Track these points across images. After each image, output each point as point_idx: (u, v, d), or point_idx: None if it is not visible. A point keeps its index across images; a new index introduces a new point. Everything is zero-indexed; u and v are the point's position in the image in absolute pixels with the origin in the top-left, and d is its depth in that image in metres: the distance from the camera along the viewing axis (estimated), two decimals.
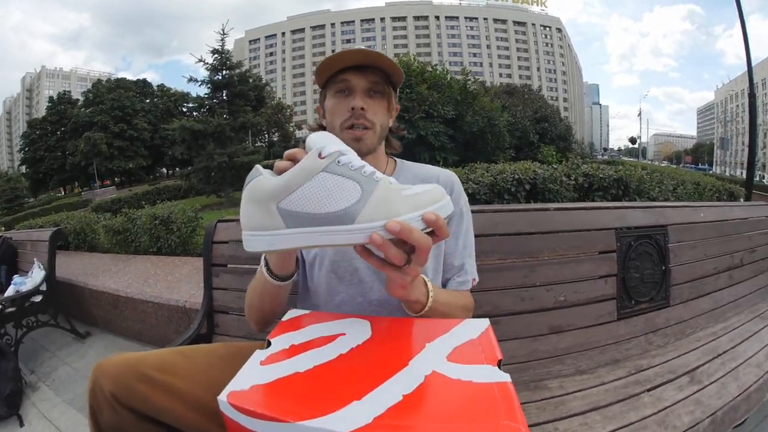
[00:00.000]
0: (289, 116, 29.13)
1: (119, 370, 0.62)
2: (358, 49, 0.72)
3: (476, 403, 0.41)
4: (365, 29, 67.62)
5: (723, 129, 68.21)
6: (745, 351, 1.38)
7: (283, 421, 0.39)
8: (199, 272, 2.50)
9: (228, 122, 10.98)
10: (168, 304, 2.03)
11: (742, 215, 2.14)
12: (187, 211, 3.37)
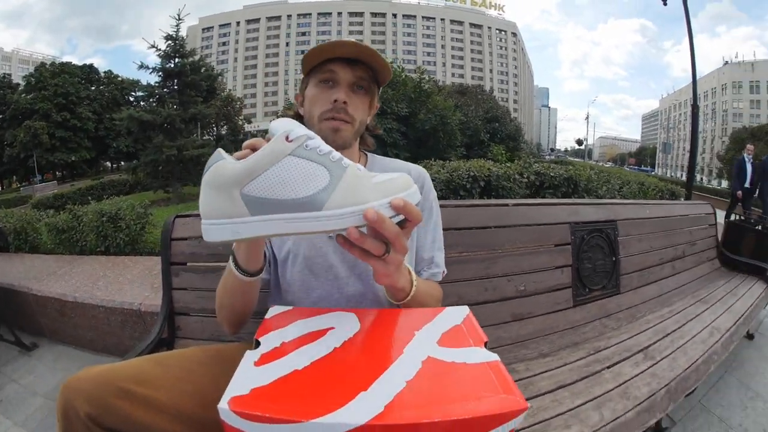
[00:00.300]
0: (238, 109, 27.94)
1: (93, 387, 0.55)
2: (352, 41, 0.69)
3: (475, 382, 0.44)
4: (321, 23, 65.98)
5: (666, 134, 73.61)
6: (690, 330, 1.54)
7: (294, 421, 0.38)
8: (152, 273, 2.39)
9: (178, 113, 10.29)
10: (121, 308, 1.89)
11: (683, 212, 2.38)
12: (136, 208, 3.14)
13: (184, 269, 1.17)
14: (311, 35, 65.17)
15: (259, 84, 64.07)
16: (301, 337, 0.50)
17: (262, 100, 64.18)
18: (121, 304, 1.90)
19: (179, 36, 10.95)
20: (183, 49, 10.99)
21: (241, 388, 0.41)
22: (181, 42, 10.96)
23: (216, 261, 1.13)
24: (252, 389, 0.41)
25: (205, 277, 1.14)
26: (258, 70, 64.18)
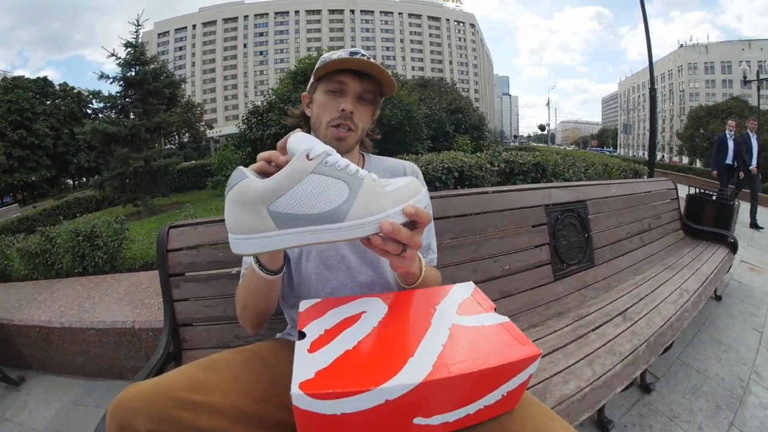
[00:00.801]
0: (199, 115, 27.03)
1: (150, 402, 0.54)
2: (367, 61, 0.76)
3: (496, 339, 0.54)
4: (279, 22, 64.65)
5: (626, 116, 76.99)
6: (662, 293, 1.69)
7: (363, 391, 0.44)
8: (139, 288, 2.36)
9: (143, 123, 9.81)
10: (113, 328, 1.84)
11: (646, 189, 2.57)
12: (112, 224, 3.04)
13: (184, 279, 1.18)
14: (269, 35, 63.80)
15: (218, 88, 62.14)
16: (340, 323, 0.56)
17: (223, 104, 62.21)
18: (113, 323, 1.85)
19: (139, 43, 10.45)
20: (144, 56, 10.45)
21: (306, 373, 0.46)
22: (141, 49, 10.43)
23: (217, 268, 1.14)
24: (316, 372, 0.46)
25: (207, 285, 1.16)
26: (216, 74, 62.23)
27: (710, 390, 1.73)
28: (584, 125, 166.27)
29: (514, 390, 0.54)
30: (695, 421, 1.51)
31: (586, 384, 0.96)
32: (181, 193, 13.43)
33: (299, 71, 11.65)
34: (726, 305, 2.74)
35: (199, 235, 1.17)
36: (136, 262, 3.12)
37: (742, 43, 53.29)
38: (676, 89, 58.51)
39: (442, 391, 0.48)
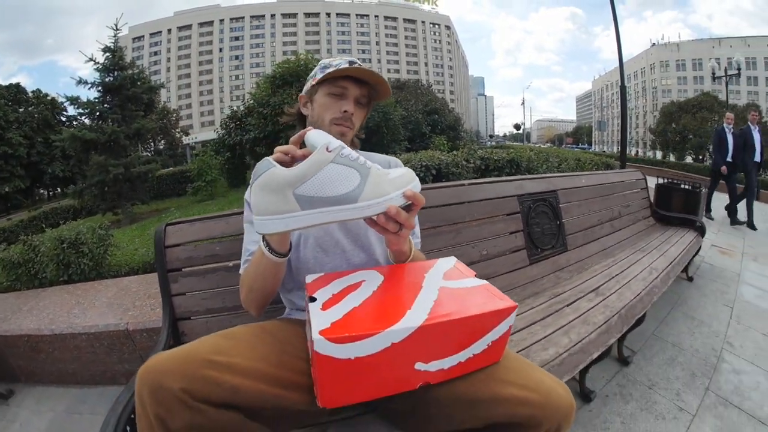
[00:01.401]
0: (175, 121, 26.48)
1: (181, 363, 0.60)
2: (369, 70, 0.86)
3: (478, 295, 0.64)
4: (254, 26, 64.12)
5: (600, 113, 79.22)
6: (632, 272, 1.83)
7: (373, 334, 0.54)
8: (128, 292, 2.37)
9: (122, 129, 9.60)
10: (107, 332, 1.84)
11: (616, 179, 2.74)
12: (96, 230, 3.02)
13: (182, 275, 1.22)
14: (245, 39, 63.12)
15: (194, 94, 61.09)
16: (344, 288, 0.65)
17: (198, 110, 61.12)
18: (106, 327, 1.85)
19: (118, 47, 10.19)
20: (122, 61, 10.24)
21: (323, 324, 0.55)
22: (120, 54, 10.18)
23: (215, 262, 1.19)
24: (332, 323, 0.55)
25: (205, 278, 1.19)
26: (192, 80, 61.20)
27: (685, 360, 1.86)
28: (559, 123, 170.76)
29: (497, 340, 0.64)
30: (672, 388, 1.63)
31: (564, 350, 1.06)
32: (160, 200, 13.19)
33: (278, 75, 11.61)
34: (698, 285, 2.92)
35: (195, 232, 1.21)
36: (122, 268, 3.10)
37: (712, 41, 55.73)
38: (649, 86, 60.61)
39: (437, 336, 0.58)
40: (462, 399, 0.67)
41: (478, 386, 0.67)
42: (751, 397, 1.61)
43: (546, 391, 0.67)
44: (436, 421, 0.70)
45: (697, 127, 24.55)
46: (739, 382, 1.72)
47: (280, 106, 10.88)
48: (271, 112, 11.09)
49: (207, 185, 11.32)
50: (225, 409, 0.60)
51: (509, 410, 0.65)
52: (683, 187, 3.62)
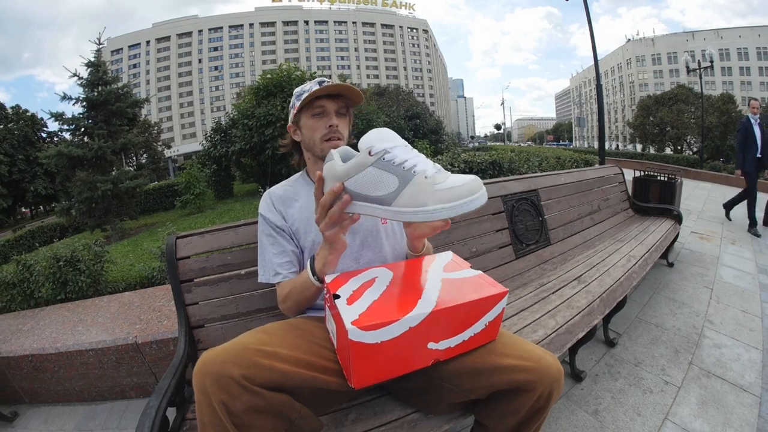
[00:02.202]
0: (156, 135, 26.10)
1: (239, 354, 0.69)
2: (334, 84, 0.97)
3: (476, 284, 0.77)
4: (233, 36, 63.87)
5: (579, 110, 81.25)
6: (612, 260, 1.96)
7: (395, 320, 0.66)
8: (131, 307, 2.42)
9: (108, 145, 9.51)
10: (114, 346, 1.87)
11: (594, 176, 2.90)
12: (92, 246, 3.03)
13: (195, 285, 1.28)
14: (224, 49, 62.80)
15: (174, 106, 60.39)
16: (361, 285, 0.76)
17: (179, 122, 60.39)
18: (114, 341, 1.88)
19: (101, 62, 10.08)
20: (106, 75, 10.15)
21: (353, 316, 0.66)
22: (104, 68, 10.09)
23: (228, 270, 1.26)
24: (359, 314, 0.67)
25: (218, 286, 1.26)
26: (172, 92, 60.56)
27: (668, 339, 1.99)
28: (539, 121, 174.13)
29: (493, 321, 0.78)
30: (658, 365, 1.76)
31: (552, 331, 1.19)
32: (148, 215, 13.05)
33: (262, 86, 11.67)
34: (678, 270, 3.07)
35: (206, 243, 1.28)
36: (119, 284, 3.12)
37: (686, 35, 57.31)
38: (626, 81, 62.33)
39: (444, 319, 0.70)
40: (468, 371, 0.80)
41: (480, 359, 0.80)
42: (733, 368, 1.75)
43: (537, 358, 0.80)
44: (447, 394, 0.83)
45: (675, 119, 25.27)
46: (720, 355, 1.85)
47: (265, 117, 10.92)
48: (256, 123, 11.13)
49: (195, 198, 11.27)
50: (277, 392, 0.70)
51: (508, 377, 0.78)
52: (660, 179, 3.81)
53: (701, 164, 15.06)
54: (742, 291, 2.70)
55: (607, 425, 1.38)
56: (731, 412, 1.46)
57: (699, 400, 1.52)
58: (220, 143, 13.44)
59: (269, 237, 1.01)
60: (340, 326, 0.69)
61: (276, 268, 0.99)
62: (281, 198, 1.05)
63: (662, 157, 21.09)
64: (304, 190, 1.07)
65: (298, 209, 1.03)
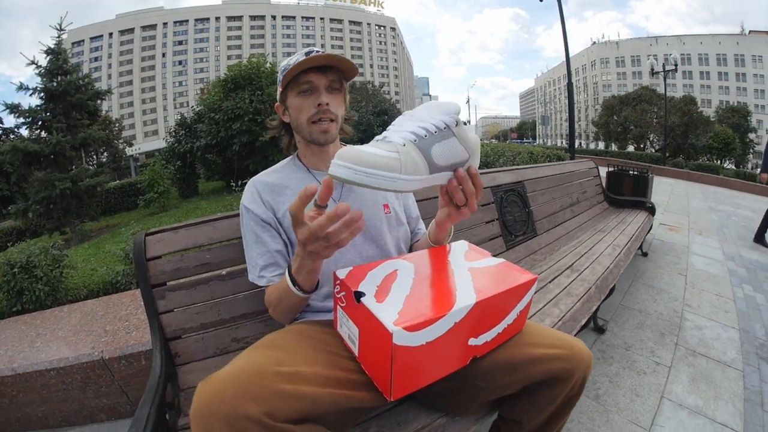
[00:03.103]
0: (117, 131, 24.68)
1: (253, 382, 0.53)
2: (324, 54, 0.83)
3: (504, 272, 0.70)
4: (199, 29, 61.72)
5: (543, 108, 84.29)
6: (598, 249, 2.00)
7: (441, 316, 0.57)
8: (95, 317, 2.22)
9: (67, 140, 8.70)
10: (79, 363, 1.65)
11: (572, 169, 2.98)
12: (50, 250, 2.77)
13: (169, 289, 1.11)
14: (188, 43, 60.69)
15: (136, 102, 57.57)
16: (384, 280, 0.66)
17: (141, 119, 57.70)
18: (78, 358, 1.66)
19: (62, 50, 9.19)
20: (67, 64, 9.26)
21: (391, 316, 0.56)
22: (64, 56, 9.20)
23: (206, 271, 1.11)
24: (398, 313, 0.56)
25: (196, 290, 1.10)
26: (134, 87, 57.72)
27: (652, 323, 2.08)
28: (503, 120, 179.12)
29: (523, 310, 0.73)
30: (647, 347, 1.84)
31: (558, 319, 1.19)
32: (109, 215, 12.35)
33: (229, 79, 11.26)
34: (652, 259, 3.20)
35: (180, 240, 1.11)
36: (81, 291, 2.88)
37: (649, 39, 60.64)
38: (590, 82, 65.15)
39: (484, 311, 0.63)
40: (502, 366, 0.73)
41: (513, 352, 0.74)
42: (715, 346, 1.88)
43: (569, 345, 0.76)
44: (480, 393, 0.76)
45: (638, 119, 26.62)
46: (702, 335, 1.97)
47: (233, 111, 10.56)
48: (223, 117, 10.75)
49: (159, 197, 10.72)
50: (307, 424, 0.56)
51: (544, 367, 0.73)
52: (632, 174, 3.96)
53: (664, 161, 15.92)
54: (713, 276, 2.84)
55: (609, 408, 1.43)
56: (720, 386, 1.58)
57: (689, 378, 1.62)
58: (185, 138, 12.85)
59: (253, 234, 0.88)
60: (372, 329, 0.58)
61: (260, 271, 0.87)
62: (269, 186, 0.91)
63: (626, 155, 22.20)
64: (296, 176, 0.94)
65: (290, 198, 0.90)
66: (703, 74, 53.94)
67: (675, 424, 1.36)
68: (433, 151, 0.60)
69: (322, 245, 0.58)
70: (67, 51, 9.57)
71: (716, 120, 28.53)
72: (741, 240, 4.24)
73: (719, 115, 30.46)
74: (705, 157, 24.78)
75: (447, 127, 0.62)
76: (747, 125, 29.35)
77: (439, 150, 0.61)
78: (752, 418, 1.42)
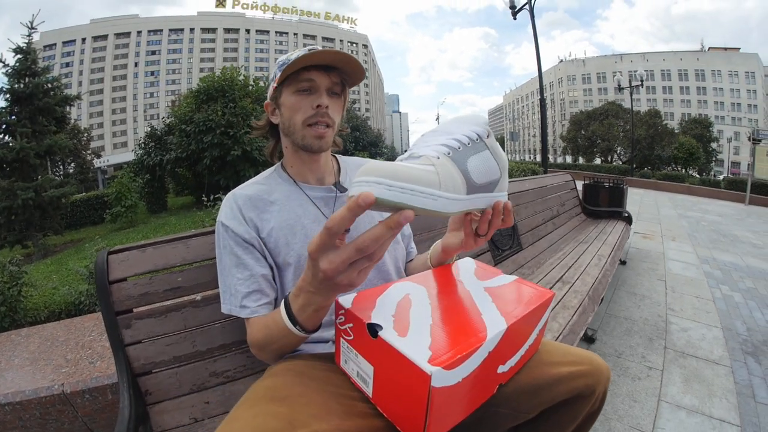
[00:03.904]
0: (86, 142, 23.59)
1: None
2: (332, 50, 0.72)
3: (522, 290, 0.67)
4: (173, 40, 60.89)
5: (512, 125, 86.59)
6: (584, 261, 2.01)
7: (477, 348, 0.49)
8: (55, 343, 2.02)
9: (32, 146, 8.11)
10: (37, 398, 1.47)
11: (550, 182, 3.05)
12: (7, 266, 2.54)
13: (136, 317, 0.97)
14: (162, 54, 59.66)
15: (106, 112, 55.68)
16: (398, 308, 0.57)
17: (111, 130, 55.78)
18: (36, 392, 1.47)
19: (32, 50, 8.61)
20: (35, 65, 8.68)
21: (423, 353, 0.46)
22: (33, 56, 8.63)
23: (178, 296, 0.98)
24: (429, 348, 0.47)
25: (168, 318, 0.97)
26: (105, 96, 55.94)
27: (639, 329, 2.12)
28: None
29: (541, 329, 0.69)
30: (637, 353, 1.88)
31: (558, 333, 1.18)
32: (74, 229, 11.73)
33: (202, 90, 11.04)
34: (631, 267, 3.27)
35: (148, 260, 0.98)
36: (41, 312, 2.66)
37: (615, 57, 64.44)
38: (557, 98, 67.94)
39: (512, 335, 0.58)
40: (527, 389, 0.68)
41: (535, 374, 0.69)
42: (702, 346, 1.96)
43: (589, 360, 0.73)
44: (503, 421, 0.70)
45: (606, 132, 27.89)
46: (688, 337, 2.04)
47: (204, 123, 10.33)
48: (194, 129, 10.49)
49: (127, 211, 10.32)
50: None
51: (569, 386, 0.69)
52: (607, 185, 4.08)
53: (632, 172, 16.64)
54: (691, 280, 2.93)
55: (610, 416, 1.44)
56: (712, 384, 1.65)
57: (682, 379, 1.67)
58: (155, 151, 12.45)
59: (233, 256, 0.75)
60: (396, 368, 0.49)
61: (242, 300, 0.74)
62: (252, 200, 0.79)
63: (594, 167, 23.12)
64: (282, 188, 0.83)
65: (277, 214, 0.79)
66: (666, 89, 57.44)
67: (675, 425, 1.39)
68: (470, 166, 0.53)
69: (358, 268, 0.47)
70: (37, 51, 9.06)
71: (680, 131, 30.28)
72: (712, 243, 4.43)
73: (683, 126, 32.39)
74: (671, 167, 26.10)
75: (479, 139, 0.56)
76: (709, 135, 31.31)
77: (474, 164, 0.53)
78: (747, 411, 1.49)
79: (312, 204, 0.83)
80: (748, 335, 2.11)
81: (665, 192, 11.86)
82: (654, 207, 6.78)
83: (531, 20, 7.24)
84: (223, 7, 66.93)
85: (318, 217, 0.81)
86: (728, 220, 6.76)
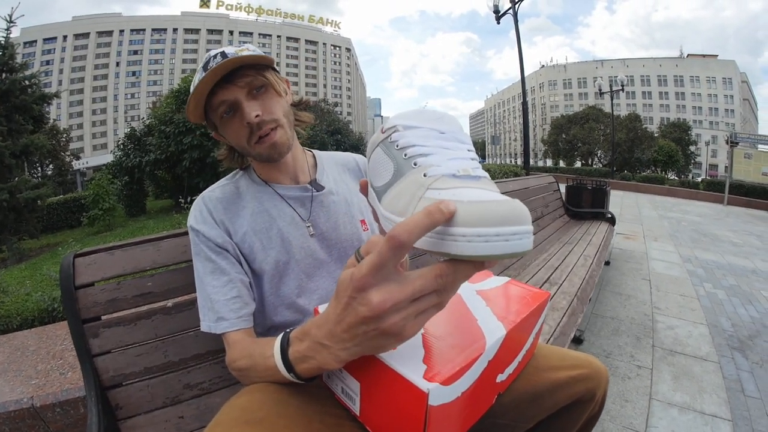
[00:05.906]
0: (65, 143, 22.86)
1: None
2: (220, 64, 0.64)
3: (516, 292, 0.64)
4: (155, 40, 59.83)
5: (493, 129, 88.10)
6: (571, 262, 2.00)
7: (476, 359, 0.45)
8: (25, 353, 1.92)
9: (7, 145, 7.73)
10: (5, 412, 1.37)
11: (535, 184, 3.07)
12: None
13: (103, 325, 0.90)
14: (144, 53, 58.54)
15: (86, 112, 54.23)
16: None
17: (90, 131, 54.38)
18: (5, 405, 1.38)
19: (10, 45, 8.21)
20: (13, 61, 8.27)
21: (417, 368, 0.42)
22: (11, 51, 8.24)
23: (149, 302, 0.92)
24: (423, 362, 0.43)
25: (138, 326, 0.91)
26: (85, 96, 54.51)
27: (627, 329, 2.14)
28: None
29: (537, 332, 0.66)
30: (626, 353, 1.88)
31: (550, 335, 1.16)
32: (51, 233, 11.33)
33: (183, 90, 10.83)
34: (615, 267, 3.31)
35: (116, 263, 0.92)
36: (13, 320, 2.52)
37: (595, 63, 65.64)
38: (538, 103, 68.98)
39: (510, 341, 0.54)
40: (526, 397, 0.65)
41: (534, 380, 0.66)
42: (689, 343, 1.98)
43: (587, 363, 0.71)
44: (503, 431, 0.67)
45: (586, 136, 28.52)
46: (675, 335, 2.06)
47: (185, 124, 10.11)
48: (174, 131, 10.28)
49: (104, 214, 10.01)
50: None
51: (570, 391, 0.67)
52: (590, 187, 4.14)
53: (612, 175, 17.02)
54: (675, 279, 2.98)
55: (602, 417, 1.42)
56: (701, 380, 1.67)
57: (672, 376, 1.68)
58: (134, 152, 12.14)
59: (207, 262, 0.70)
60: (385, 385, 0.44)
61: (219, 310, 0.68)
62: (222, 202, 0.74)
63: (575, 170, 23.60)
64: (252, 189, 0.78)
65: (249, 217, 0.74)
66: (646, 94, 59.17)
67: (668, 423, 1.39)
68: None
69: (421, 309, 0.36)
70: (15, 47, 8.71)
71: (659, 135, 31.17)
72: (694, 242, 4.54)
73: (662, 130, 33.38)
74: (650, 169, 26.81)
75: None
76: (688, 139, 32.38)
77: None
78: (737, 405, 1.50)
79: (286, 204, 0.77)
80: (733, 331, 2.15)
81: (645, 194, 12.17)
82: (635, 208, 6.93)
83: (515, 25, 7.34)
84: (207, 8, 66.38)
85: (294, 219, 0.76)
86: (708, 220, 6.96)
